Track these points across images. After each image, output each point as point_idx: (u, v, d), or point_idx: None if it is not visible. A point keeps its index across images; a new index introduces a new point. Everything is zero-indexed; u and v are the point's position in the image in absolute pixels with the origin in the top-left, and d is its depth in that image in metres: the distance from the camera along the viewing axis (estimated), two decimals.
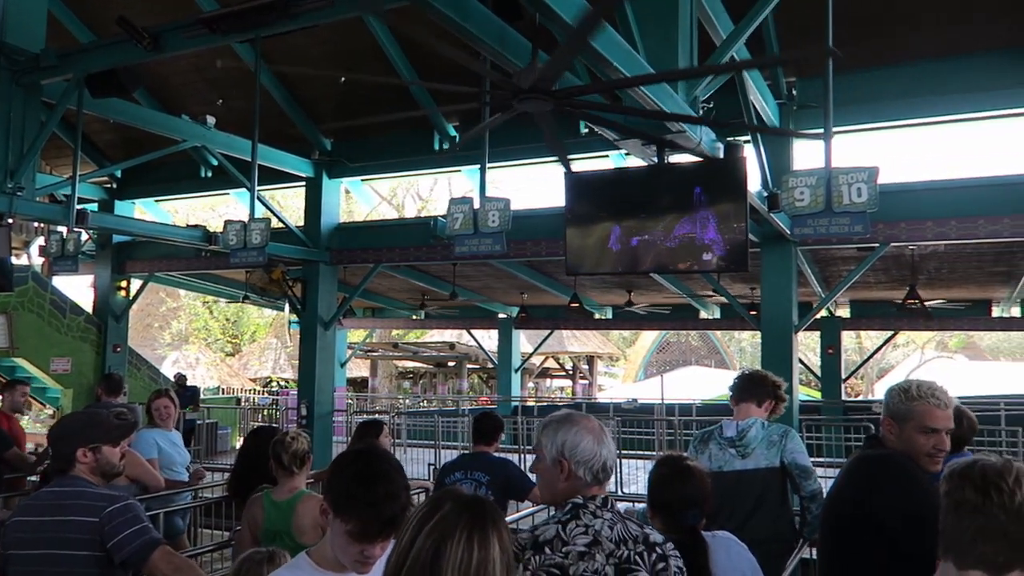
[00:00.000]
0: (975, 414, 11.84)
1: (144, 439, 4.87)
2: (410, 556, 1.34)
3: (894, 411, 2.44)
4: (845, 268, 10.77)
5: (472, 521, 1.36)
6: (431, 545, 1.33)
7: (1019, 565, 1.48)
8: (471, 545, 1.32)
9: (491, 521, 1.37)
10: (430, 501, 1.42)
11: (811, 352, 22.94)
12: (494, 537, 1.35)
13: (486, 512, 1.40)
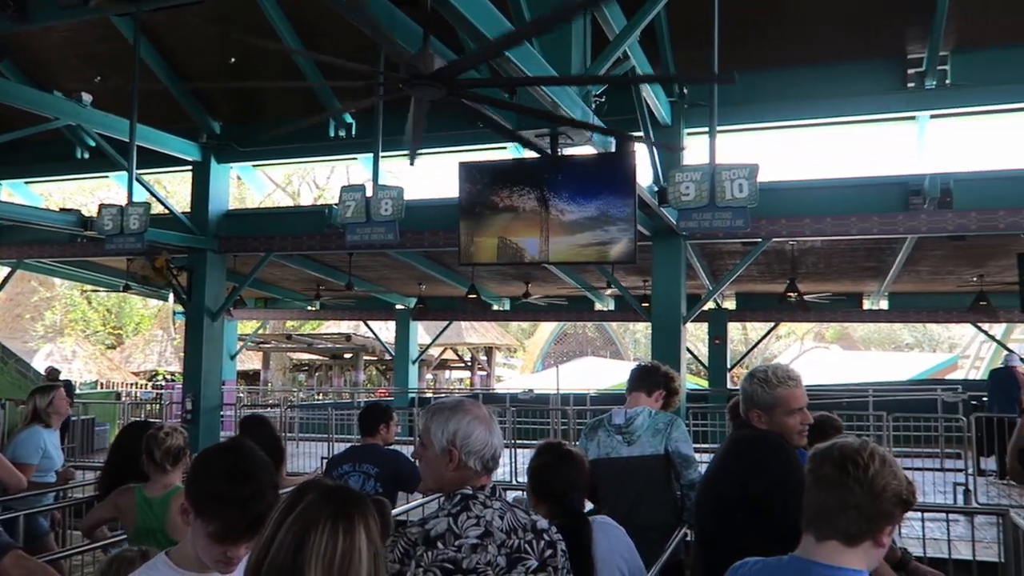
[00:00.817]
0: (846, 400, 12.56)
1: (32, 440, 4.51)
2: (272, 549, 1.28)
3: (760, 402, 2.54)
4: (731, 261, 11.23)
5: (336, 510, 1.31)
6: (293, 536, 1.28)
7: (871, 535, 1.60)
8: (335, 534, 1.28)
9: (357, 510, 1.33)
10: (292, 492, 1.37)
11: (700, 343, 23.91)
12: (360, 527, 1.31)
13: (351, 501, 1.35)
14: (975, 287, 12.52)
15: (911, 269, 11.76)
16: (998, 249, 9.88)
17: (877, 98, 8.10)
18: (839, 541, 1.60)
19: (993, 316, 13.41)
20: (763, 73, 8.23)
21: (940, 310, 14.69)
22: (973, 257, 10.84)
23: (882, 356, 36.02)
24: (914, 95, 7.92)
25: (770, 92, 8.19)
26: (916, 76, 7.87)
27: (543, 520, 1.97)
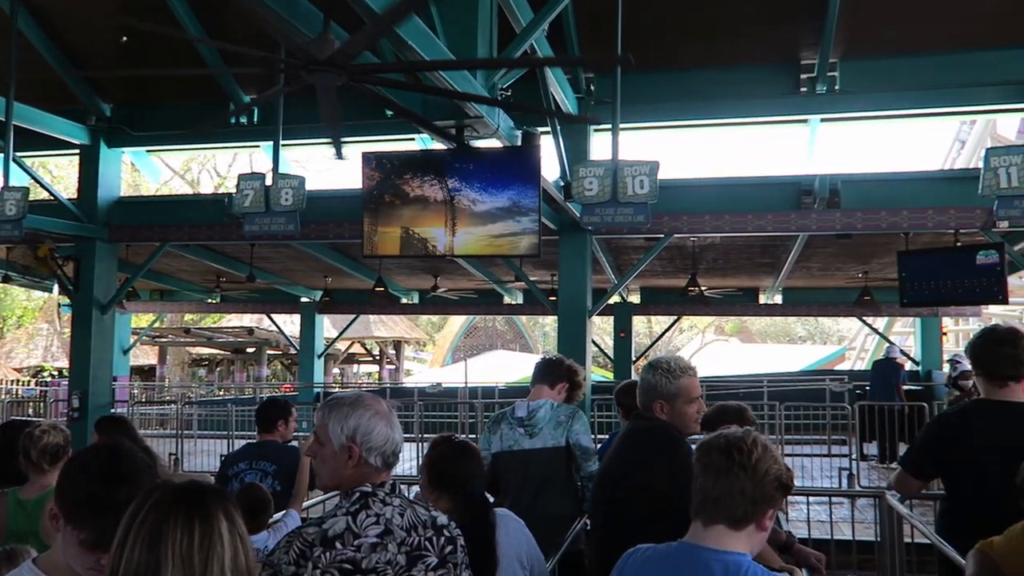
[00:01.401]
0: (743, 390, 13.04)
1: None
2: (125, 552, 1.24)
3: (663, 392, 2.61)
4: (635, 256, 11.48)
5: (190, 503, 1.28)
6: (146, 535, 1.24)
7: (754, 519, 1.67)
8: (191, 527, 1.24)
9: (214, 503, 1.30)
10: (142, 494, 1.32)
11: (607, 335, 24.37)
12: (220, 516, 1.28)
13: (207, 494, 1.32)
14: (860, 283, 13.27)
15: (803, 265, 12.35)
16: (881, 247, 10.48)
17: (772, 101, 8.43)
18: (725, 525, 1.67)
19: (876, 310, 14.26)
20: (666, 74, 8.44)
21: (829, 304, 15.50)
22: (859, 254, 11.47)
23: (777, 348, 37.71)
24: (806, 99, 8.29)
25: (672, 92, 8.41)
26: (808, 81, 8.23)
27: (443, 516, 1.95)
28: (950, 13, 7.56)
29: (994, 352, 2.77)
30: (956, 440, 2.76)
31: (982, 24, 7.46)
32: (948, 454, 2.77)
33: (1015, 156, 5.63)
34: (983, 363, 2.82)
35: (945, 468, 2.82)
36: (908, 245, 9.28)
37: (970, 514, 2.70)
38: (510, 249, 4.54)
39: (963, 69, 7.86)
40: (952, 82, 7.93)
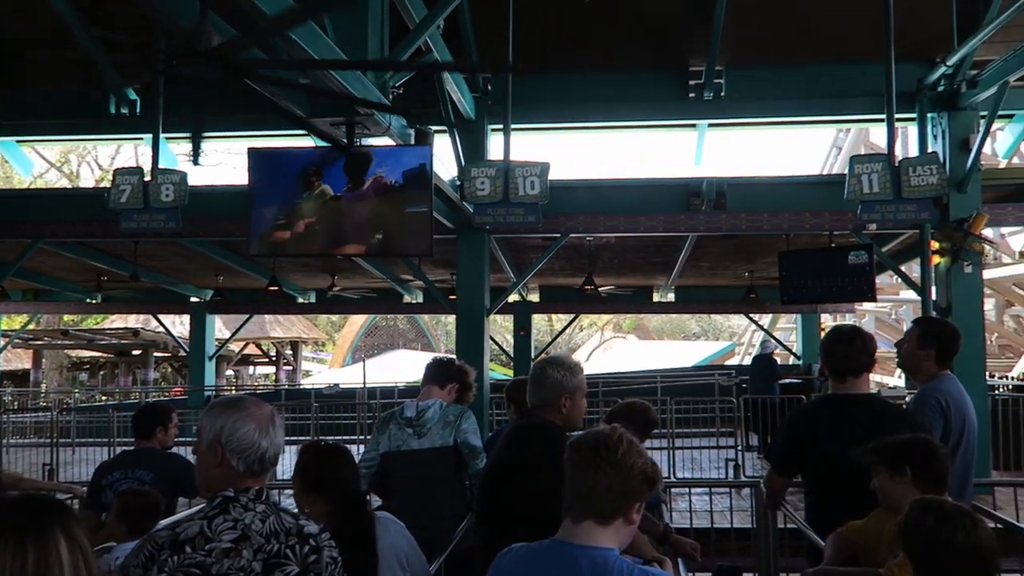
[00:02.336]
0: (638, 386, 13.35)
1: None
2: None
3: (568, 387, 2.71)
4: (534, 255, 11.62)
5: (23, 522, 1.20)
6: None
7: (622, 513, 1.72)
8: (23, 547, 1.16)
9: (51, 520, 1.22)
10: None
11: (508, 334, 24.57)
12: (56, 537, 1.20)
13: (42, 511, 1.24)
14: (746, 281, 13.89)
15: (694, 264, 12.81)
16: (764, 247, 11.00)
17: (662, 106, 8.72)
18: (594, 521, 1.71)
19: (760, 307, 14.96)
20: (560, 76, 8.59)
21: (718, 302, 16.18)
22: (744, 254, 12.00)
23: (673, 344, 39.00)
24: (694, 105, 8.61)
25: (566, 94, 8.57)
26: (696, 88, 8.56)
27: (312, 525, 1.91)
28: (823, 27, 8.02)
29: (837, 349, 2.99)
30: (808, 434, 2.95)
31: (851, 39, 7.93)
32: (803, 448, 2.95)
33: (876, 164, 6.04)
34: (830, 359, 3.03)
35: (802, 461, 3.00)
36: (789, 246, 9.78)
37: (827, 502, 2.88)
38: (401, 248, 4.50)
39: (836, 80, 8.36)
40: (827, 92, 8.43)
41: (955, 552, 1.87)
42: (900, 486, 2.34)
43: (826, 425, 2.90)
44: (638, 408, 3.76)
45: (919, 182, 6.00)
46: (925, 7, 7.60)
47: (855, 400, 2.94)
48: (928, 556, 1.92)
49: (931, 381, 3.36)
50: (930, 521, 1.93)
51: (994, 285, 18.19)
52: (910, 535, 1.96)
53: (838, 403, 2.96)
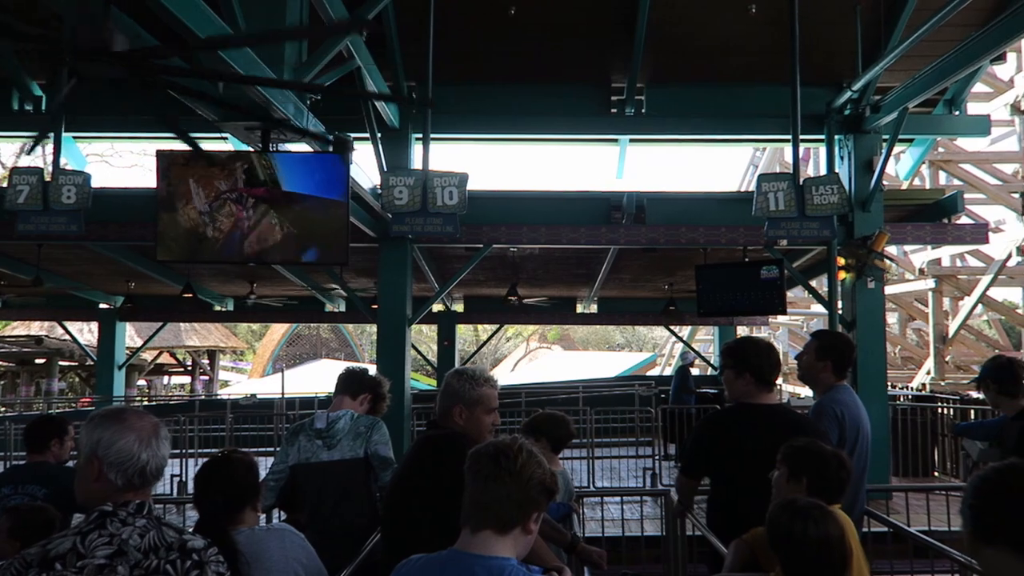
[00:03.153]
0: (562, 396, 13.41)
1: None
2: None
3: (465, 398, 2.66)
4: (458, 265, 11.61)
5: None
6: None
7: (520, 523, 1.73)
8: None
9: None
10: None
11: (433, 343, 24.43)
12: None
13: None
14: (666, 294, 14.21)
15: (616, 277, 13.03)
16: (683, 261, 11.28)
17: (585, 120, 8.86)
18: (492, 531, 1.72)
19: (680, 319, 15.32)
20: (485, 86, 8.65)
21: (639, 313, 16.49)
22: (664, 267, 12.28)
23: (597, 355, 39.52)
24: (616, 120, 8.79)
25: (490, 105, 8.63)
26: (618, 103, 8.74)
27: (198, 540, 1.85)
28: (739, 50, 8.32)
29: (771, 359, 3.12)
30: (718, 439, 3.04)
31: (765, 62, 8.24)
32: (712, 453, 3.04)
33: (783, 182, 6.30)
34: (762, 369, 3.13)
35: (710, 466, 3.09)
36: (706, 259, 10.06)
37: (732, 507, 2.97)
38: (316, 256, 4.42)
39: (750, 101, 8.68)
40: (741, 112, 8.73)
41: (807, 543, 2.02)
42: (794, 492, 2.44)
43: (738, 432, 3.00)
44: (554, 419, 3.80)
45: (821, 201, 6.28)
46: (834, 34, 7.98)
47: (768, 409, 3.06)
48: (785, 549, 2.07)
49: (829, 392, 3.51)
50: (785, 517, 2.08)
51: (897, 300, 19.13)
52: (771, 532, 2.09)
53: (751, 411, 3.06)
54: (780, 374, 3.31)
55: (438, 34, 7.33)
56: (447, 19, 7.51)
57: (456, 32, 8.06)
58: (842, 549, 2.06)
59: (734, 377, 3.09)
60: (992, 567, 1.56)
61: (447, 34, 7.87)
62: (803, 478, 2.47)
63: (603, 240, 9.09)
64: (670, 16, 7.88)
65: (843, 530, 2.09)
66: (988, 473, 1.60)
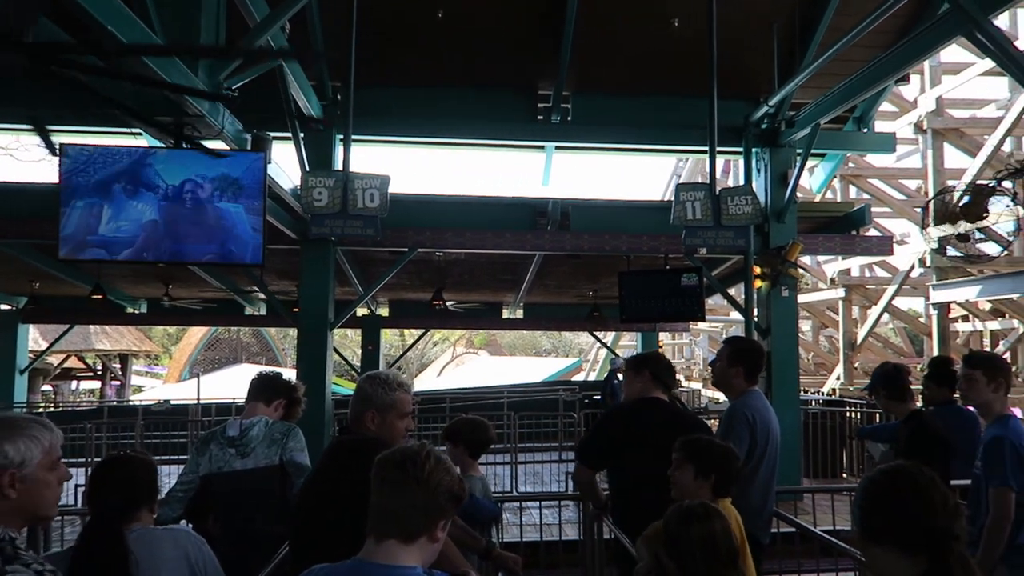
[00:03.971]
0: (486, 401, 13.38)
1: None
2: None
3: (378, 403, 2.62)
4: (383, 269, 11.48)
5: None
6: None
7: (427, 531, 1.70)
8: None
9: None
10: None
11: (358, 348, 24.10)
12: None
13: None
14: (591, 300, 14.40)
15: (541, 282, 13.12)
16: (606, 268, 11.46)
17: (512, 126, 8.89)
18: (397, 540, 1.69)
19: (604, 325, 15.55)
20: (413, 88, 8.59)
21: (565, 319, 16.64)
22: (588, 274, 12.44)
23: (524, 360, 39.72)
24: (542, 127, 8.85)
25: (418, 107, 8.57)
26: (545, 110, 8.81)
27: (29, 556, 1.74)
28: (662, 62, 8.50)
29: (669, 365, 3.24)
30: (620, 431, 3.15)
31: (688, 75, 8.42)
32: (615, 443, 3.12)
33: (699, 192, 6.47)
34: (667, 372, 3.36)
35: (612, 457, 3.17)
36: (629, 266, 10.23)
37: (632, 497, 3.05)
38: (230, 257, 4.28)
39: (673, 112, 8.87)
40: (664, 123, 8.92)
41: (693, 541, 2.08)
42: (701, 488, 2.50)
43: (640, 423, 3.09)
44: (472, 424, 3.78)
45: (736, 211, 6.48)
46: (752, 51, 8.24)
47: (668, 404, 3.20)
48: (674, 548, 2.12)
49: (741, 397, 3.61)
50: (674, 519, 2.14)
51: (810, 308, 19.90)
52: (665, 535, 2.15)
53: (653, 405, 3.17)
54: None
55: (364, 35, 7.24)
56: (373, 20, 7.42)
57: (383, 33, 7.98)
58: (728, 544, 2.12)
59: (634, 376, 3.23)
60: (880, 565, 1.63)
61: (373, 35, 7.78)
62: (711, 475, 2.54)
63: (528, 246, 9.13)
64: (596, 26, 7.99)
65: (728, 526, 2.15)
66: (875, 476, 1.67)
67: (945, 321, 13.45)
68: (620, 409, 3.39)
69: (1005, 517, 2.99)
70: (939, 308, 13.13)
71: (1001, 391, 3.24)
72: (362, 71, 7.29)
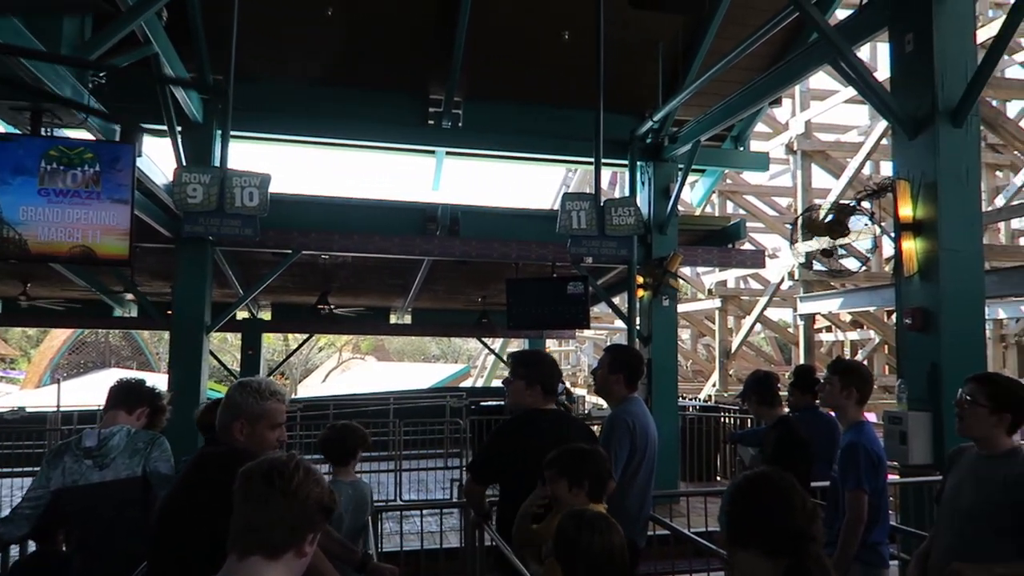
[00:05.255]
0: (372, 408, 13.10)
1: None
2: None
3: (248, 412, 2.49)
4: (266, 271, 11.08)
5: None
6: None
7: (294, 546, 1.62)
8: None
9: None
10: None
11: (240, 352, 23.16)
12: None
13: None
14: (480, 306, 14.42)
15: (430, 288, 13.03)
16: (495, 274, 11.50)
17: (403, 129, 8.79)
18: (262, 556, 1.60)
19: (492, 331, 15.60)
20: (300, 86, 8.35)
21: (453, 325, 16.60)
22: (477, 280, 12.45)
23: (412, 366, 39.40)
24: (433, 132, 8.81)
25: (305, 105, 8.34)
26: (436, 115, 8.77)
27: None
28: (552, 74, 8.64)
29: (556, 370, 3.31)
30: (510, 446, 3.13)
31: (578, 88, 8.60)
32: (505, 458, 3.11)
33: (584, 202, 6.61)
34: (551, 378, 3.35)
35: (502, 472, 3.16)
36: (517, 274, 10.31)
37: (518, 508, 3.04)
38: (91, 255, 4.00)
39: (563, 123, 9.02)
40: (554, 133, 9.06)
41: (592, 553, 2.10)
42: (577, 497, 2.53)
43: (530, 436, 3.08)
44: (355, 432, 3.68)
45: (619, 222, 6.66)
46: (639, 68, 8.51)
47: (555, 414, 3.23)
48: (570, 558, 2.14)
49: (621, 403, 3.69)
50: (572, 527, 2.15)
51: (689, 318, 20.73)
52: (558, 540, 2.15)
53: (542, 416, 3.17)
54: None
55: (250, 28, 6.97)
56: (259, 13, 7.17)
57: (269, 27, 7.72)
58: (623, 557, 2.15)
59: (525, 387, 3.21)
60: (745, 568, 1.69)
61: (259, 29, 7.51)
62: (584, 483, 2.58)
63: (417, 251, 9.06)
64: (489, 34, 8.03)
65: (624, 539, 2.19)
66: (740, 482, 1.73)
67: (811, 331, 14.31)
68: (511, 424, 3.36)
69: (859, 518, 3.19)
70: (805, 319, 13.96)
71: (853, 398, 3.45)
72: (247, 66, 7.03)
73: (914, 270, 4.78)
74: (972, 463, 2.81)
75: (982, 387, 2.77)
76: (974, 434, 2.77)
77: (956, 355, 4.56)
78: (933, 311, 4.66)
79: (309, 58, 8.21)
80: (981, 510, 2.69)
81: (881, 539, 3.36)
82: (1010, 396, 2.75)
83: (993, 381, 2.81)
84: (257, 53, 7.78)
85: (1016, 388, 2.80)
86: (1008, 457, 2.71)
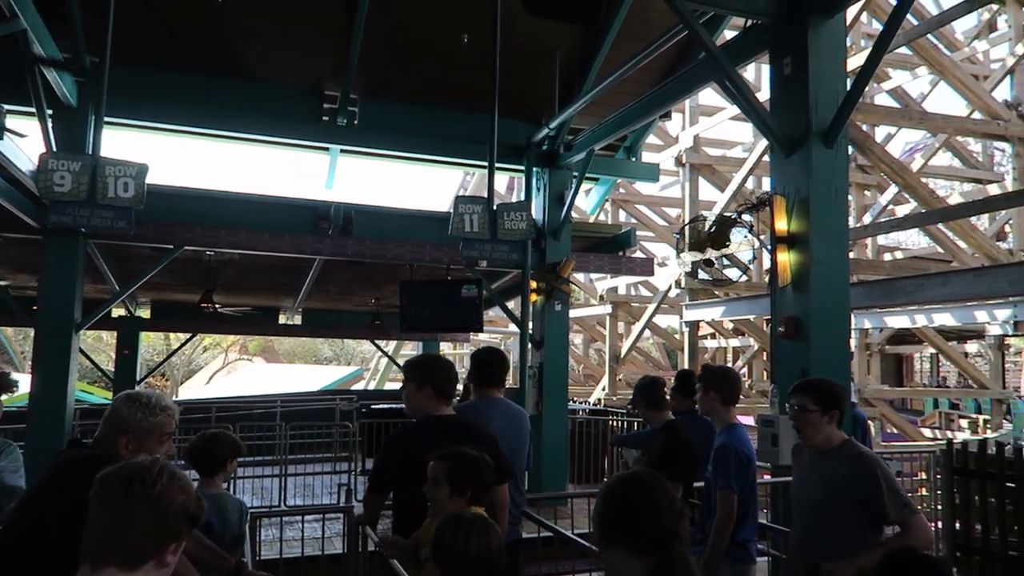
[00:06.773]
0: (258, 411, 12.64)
1: None
2: None
3: (137, 428, 2.36)
4: (144, 266, 10.52)
5: None
6: None
7: (155, 556, 1.53)
8: None
9: None
10: None
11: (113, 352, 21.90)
12: None
13: None
14: (372, 308, 14.22)
15: (322, 288, 12.74)
16: (389, 276, 11.37)
17: (296, 125, 8.53)
18: (118, 567, 1.50)
19: (385, 334, 15.44)
20: (188, 74, 7.98)
21: (346, 327, 16.29)
22: (370, 281, 12.28)
23: (303, 368, 38.36)
24: (328, 128, 8.59)
25: (193, 94, 7.97)
26: (331, 112, 8.57)
27: None
28: (450, 77, 8.63)
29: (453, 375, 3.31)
30: (402, 454, 3.08)
31: (475, 91, 8.60)
32: (398, 467, 3.06)
33: (477, 206, 6.64)
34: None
35: (396, 481, 3.10)
36: (412, 276, 10.23)
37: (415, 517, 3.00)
38: None
39: (461, 126, 9.01)
40: (451, 135, 9.03)
41: (469, 555, 2.11)
42: (457, 504, 2.53)
43: (422, 444, 3.02)
44: (226, 439, 3.53)
45: (511, 226, 6.72)
46: (538, 74, 8.61)
47: (448, 420, 3.18)
48: (448, 559, 2.14)
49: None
50: (450, 532, 2.16)
51: (582, 323, 21.16)
52: (436, 543, 2.17)
53: (433, 423, 3.14)
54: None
55: (131, 8, 6.60)
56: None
57: (152, 10, 7.35)
58: (502, 557, 2.17)
59: (415, 391, 3.16)
60: (615, 567, 1.73)
61: (140, 11, 7.14)
62: (467, 491, 2.58)
63: (308, 250, 8.83)
64: (387, 33, 7.93)
65: (502, 541, 2.20)
66: (613, 483, 1.78)
67: (695, 338, 14.88)
68: (402, 433, 3.31)
69: (728, 517, 3.34)
70: (690, 326, 14.51)
71: (718, 401, 3.62)
72: (128, 49, 6.65)
73: (788, 281, 5.03)
74: (812, 460, 3.08)
75: (807, 395, 3.03)
76: (816, 441, 3.03)
77: (824, 362, 4.83)
78: (804, 320, 4.93)
79: (197, 45, 7.86)
80: (825, 504, 2.94)
81: (750, 536, 3.52)
82: (833, 395, 3.03)
83: (815, 387, 3.08)
84: (139, 35, 7.38)
85: (833, 385, 3.09)
86: (841, 450, 2.98)
